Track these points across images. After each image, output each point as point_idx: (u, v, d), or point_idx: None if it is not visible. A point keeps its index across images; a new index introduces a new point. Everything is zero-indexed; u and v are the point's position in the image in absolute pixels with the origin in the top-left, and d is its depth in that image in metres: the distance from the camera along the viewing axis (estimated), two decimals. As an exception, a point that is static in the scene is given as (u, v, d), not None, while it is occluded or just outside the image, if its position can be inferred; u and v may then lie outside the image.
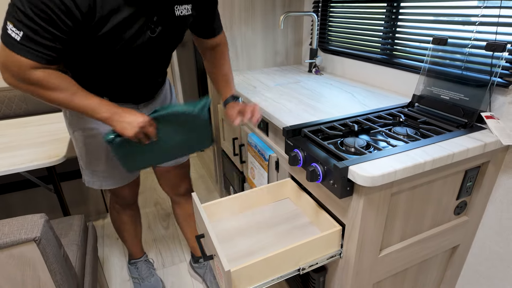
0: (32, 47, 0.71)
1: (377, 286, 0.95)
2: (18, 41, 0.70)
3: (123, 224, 1.34)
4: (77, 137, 1.04)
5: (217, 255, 0.75)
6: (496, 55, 0.87)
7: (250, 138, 1.31)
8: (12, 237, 0.66)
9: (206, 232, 0.85)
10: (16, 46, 0.70)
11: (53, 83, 0.77)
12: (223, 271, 0.72)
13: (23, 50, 0.71)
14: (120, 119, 0.83)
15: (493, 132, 0.86)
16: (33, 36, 0.70)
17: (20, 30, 0.69)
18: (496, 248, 1.01)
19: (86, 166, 1.09)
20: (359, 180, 0.70)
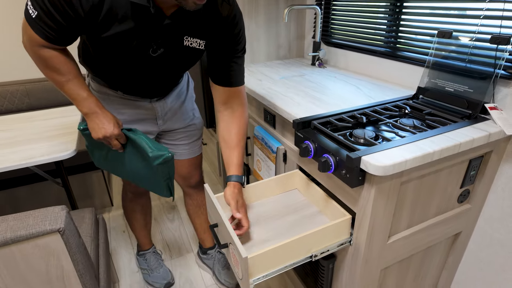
0: (41, 25, 0.78)
1: (384, 272, 0.99)
2: (33, 18, 0.77)
3: (134, 212, 1.37)
4: None
5: (233, 243, 0.78)
6: (500, 47, 0.90)
7: (256, 131, 1.33)
8: (37, 228, 0.68)
9: (220, 221, 0.87)
10: (31, 22, 0.78)
11: (54, 64, 0.85)
12: (239, 258, 0.75)
13: (35, 27, 0.78)
14: (95, 119, 0.91)
15: (496, 123, 0.89)
16: (44, 16, 0.76)
17: (35, 9, 0.76)
18: (497, 235, 1.05)
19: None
20: (371, 170, 0.73)
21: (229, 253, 0.86)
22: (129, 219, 1.40)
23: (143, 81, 0.99)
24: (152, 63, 0.91)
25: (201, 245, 1.52)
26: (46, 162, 1.08)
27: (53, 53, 0.84)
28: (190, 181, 1.33)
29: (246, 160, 1.60)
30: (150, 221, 1.46)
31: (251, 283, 0.76)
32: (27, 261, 0.71)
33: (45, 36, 0.80)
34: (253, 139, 1.39)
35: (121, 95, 1.04)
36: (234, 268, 0.84)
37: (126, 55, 0.86)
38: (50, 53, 0.84)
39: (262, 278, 0.78)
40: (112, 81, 1.00)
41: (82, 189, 1.88)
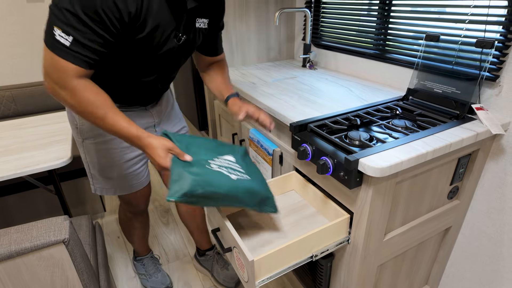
0: (79, 51, 0.71)
1: (381, 267, 1.03)
2: (67, 47, 0.69)
3: (134, 229, 1.35)
4: (88, 146, 1.02)
5: (238, 247, 0.79)
6: (485, 51, 0.95)
7: (252, 134, 1.35)
8: (42, 239, 0.68)
9: (223, 225, 0.89)
10: (65, 52, 0.69)
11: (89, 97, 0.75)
12: (245, 261, 0.76)
13: (71, 56, 0.70)
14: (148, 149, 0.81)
15: (483, 123, 0.94)
16: (82, 40, 0.69)
17: (69, 35, 0.68)
18: (484, 228, 1.11)
19: (99, 173, 1.06)
20: (369, 171, 0.76)
21: (233, 257, 0.88)
22: (128, 234, 1.37)
23: (148, 83, 0.96)
24: (175, 53, 0.91)
25: (198, 248, 1.52)
26: (42, 170, 1.07)
27: (86, 83, 0.75)
28: None
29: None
30: (148, 232, 1.45)
31: (257, 285, 0.78)
32: (32, 273, 0.70)
33: (85, 62, 0.72)
34: (249, 141, 1.41)
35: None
36: (239, 271, 0.85)
37: (153, 51, 0.83)
38: (83, 84, 0.74)
39: (267, 279, 0.80)
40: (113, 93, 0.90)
41: (73, 195, 1.85)
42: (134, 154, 1.06)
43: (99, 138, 1.00)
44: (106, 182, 1.08)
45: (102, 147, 1.02)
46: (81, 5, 0.66)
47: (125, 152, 1.04)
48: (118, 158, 1.04)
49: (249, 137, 1.38)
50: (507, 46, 0.92)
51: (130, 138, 0.79)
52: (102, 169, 1.05)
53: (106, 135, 1.01)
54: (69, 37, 0.68)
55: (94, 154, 1.03)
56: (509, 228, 1.03)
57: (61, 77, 0.72)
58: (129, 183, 1.10)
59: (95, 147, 1.02)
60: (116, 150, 1.03)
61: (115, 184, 1.09)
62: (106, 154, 1.03)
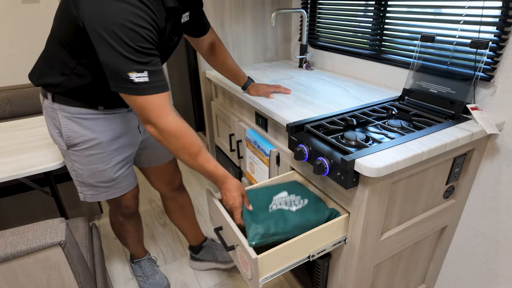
0: (157, 78, 0.76)
1: (377, 267, 1.03)
2: (149, 82, 0.74)
3: (127, 233, 1.33)
4: (74, 154, 0.99)
5: (241, 245, 0.80)
6: (479, 51, 0.95)
7: (248, 134, 1.35)
8: (38, 242, 0.68)
9: (225, 223, 0.89)
10: (148, 88, 0.75)
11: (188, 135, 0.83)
12: (249, 259, 0.77)
13: (154, 88, 0.76)
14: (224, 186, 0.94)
15: (478, 122, 0.95)
16: (153, 68, 0.75)
17: (143, 71, 0.73)
18: (479, 227, 1.12)
19: (88, 180, 1.03)
20: (365, 172, 0.76)
21: (236, 255, 0.88)
22: (122, 238, 1.35)
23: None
24: (168, 54, 0.98)
25: (193, 246, 1.51)
26: (38, 172, 1.06)
27: (179, 119, 0.82)
28: (174, 183, 1.32)
29: (238, 163, 1.62)
30: (143, 233, 1.42)
31: (260, 283, 0.78)
32: (28, 276, 0.70)
33: (164, 86, 0.78)
34: (246, 142, 1.41)
35: (102, 111, 0.97)
36: (242, 269, 0.86)
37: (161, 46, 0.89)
38: (182, 121, 0.83)
39: (269, 277, 0.80)
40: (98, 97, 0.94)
41: (70, 197, 1.84)
42: (122, 157, 1.05)
43: (87, 143, 0.97)
44: (96, 188, 1.05)
45: (90, 153, 0.98)
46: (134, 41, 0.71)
47: (113, 156, 1.02)
48: (107, 162, 1.01)
49: (246, 137, 1.38)
50: (501, 47, 0.93)
51: (216, 177, 0.91)
52: (92, 175, 1.02)
53: (93, 141, 0.97)
54: (145, 73, 0.73)
55: (81, 161, 1.00)
56: (504, 226, 1.04)
57: (159, 114, 0.78)
58: (120, 185, 1.08)
59: (83, 153, 0.98)
60: (105, 154, 1.00)
61: (105, 189, 1.06)
62: (95, 160, 1.00)
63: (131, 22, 0.70)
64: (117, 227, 1.30)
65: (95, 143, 0.97)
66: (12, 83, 1.92)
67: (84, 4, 0.72)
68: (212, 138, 1.93)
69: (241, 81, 1.32)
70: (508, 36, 0.91)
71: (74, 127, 0.94)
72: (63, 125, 0.94)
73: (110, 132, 0.99)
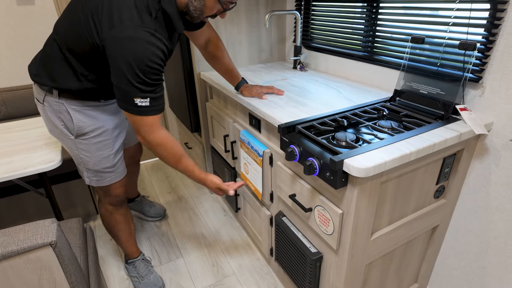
0: (155, 104, 0.94)
1: (369, 266, 1.04)
2: (148, 106, 0.92)
3: (117, 224, 1.36)
4: (81, 142, 1.10)
5: (323, 204, 0.94)
6: (467, 53, 0.97)
7: (242, 135, 1.36)
8: (29, 242, 0.68)
9: (299, 191, 1.04)
10: (146, 111, 0.93)
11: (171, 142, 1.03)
12: (332, 215, 0.90)
13: (151, 111, 0.94)
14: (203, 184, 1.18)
15: (466, 123, 0.96)
16: (154, 95, 0.92)
17: (146, 98, 0.91)
18: (470, 227, 1.13)
19: (94, 166, 1.16)
20: (353, 172, 0.77)
21: (314, 215, 0.99)
22: (113, 232, 1.39)
23: None
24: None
25: (128, 198, 1.81)
26: (31, 174, 1.07)
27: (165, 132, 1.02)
28: (136, 158, 1.62)
29: (233, 164, 1.63)
30: (134, 228, 1.47)
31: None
32: (19, 276, 0.71)
33: (160, 109, 0.96)
34: (240, 143, 1.41)
35: (103, 103, 1.12)
36: (321, 227, 0.97)
37: None
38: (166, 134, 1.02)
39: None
40: (102, 94, 1.08)
41: (65, 198, 1.84)
42: (120, 142, 1.21)
43: (96, 131, 1.11)
44: (101, 174, 1.18)
45: (98, 140, 1.12)
46: (145, 75, 0.86)
47: (115, 141, 1.18)
48: (111, 148, 1.16)
49: (240, 138, 1.39)
50: (489, 48, 0.94)
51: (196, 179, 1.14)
52: (98, 161, 1.15)
53: (101, 128, 1.11)
54: (147, 99, 0.91)
55: (89, 149, 1.12)
56: (494, 226, 1.05)
57: (150, 130, 0.97)
58: (119, 170, 1.23)
59: (91, 141, 1.11)
60: (110, 140, 1.15)
61: (109, 174, 1.20)
62: (102, 146, 1.13)
63: (148, 59, 0.84)
64: (107, 218, 1.35)
65: (102, 131, 1.12)
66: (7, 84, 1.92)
67: (107, 30, 0.84)
68: (207, 139, 1.94)
69: (235, 80, 1.35)
70: (496, 38, 0.92)
71: (83, 118, 1.07)
72: (74, 117, 1.06)
73: (112, 120, 1.15)
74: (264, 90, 1.29)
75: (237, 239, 1.75)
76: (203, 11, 0.94)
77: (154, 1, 0.86)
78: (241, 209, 1.68)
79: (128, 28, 0.81)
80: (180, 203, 2.07)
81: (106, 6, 0.84)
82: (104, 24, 0.83)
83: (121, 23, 0.82)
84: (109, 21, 0.83)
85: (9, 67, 1.90)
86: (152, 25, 0.85)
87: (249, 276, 1.52)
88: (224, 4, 0.95)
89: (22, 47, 1.88)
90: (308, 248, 1.07)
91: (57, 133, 1.10)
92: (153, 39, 0.84)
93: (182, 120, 2.12)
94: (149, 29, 0.83)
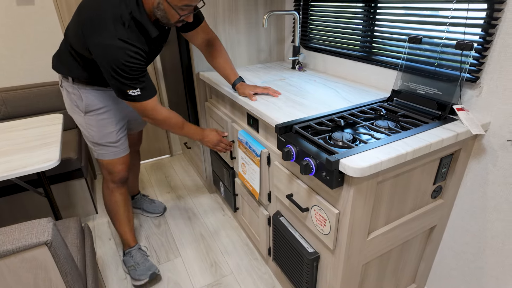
0: (146, 91, 1.14)
1: (365, 266, 1.04)
2: (140, 94, 1.13)
3: (116, 205, 1.48)
4: (89, 118, 1.30)
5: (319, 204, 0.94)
6: (465, 53, 0.97)
7: (240, 135, 1.36)
8: (24, 241, 0.69)
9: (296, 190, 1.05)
10: (141, 98, 1.14)
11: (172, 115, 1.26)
12: (329, 215, 0.90)
13: (145, 97, 1.14)
14: (205, 139, 1.40)
15: (463, 123, 0.96)
16: (143, 84, 1.12)
17: (136, 88, 1.11)
18: (468, 227, 1.13)
19: (100, 141, 1.34)
20: (349, 172, 0.77)
21: (311, 215, 0.99)
22: (114, 214, 1.50)
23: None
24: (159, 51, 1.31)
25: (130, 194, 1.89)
26: (29, 173, 1.07)
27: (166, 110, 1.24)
28: (136, 147, 1.76)
29: (231, 164, 1.63)
30: (132, 217, 1.57)
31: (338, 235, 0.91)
32: (15, 275, 0.71)
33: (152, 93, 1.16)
34: (238, 142, 1.42)
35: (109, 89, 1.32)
36: (318, 227, 0.97)
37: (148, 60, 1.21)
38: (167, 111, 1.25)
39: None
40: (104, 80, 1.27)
41: (64, 198, 1.85)
42: (122, 124, 1.39)
43: (102, 109, 1.30)
44: (106, 147, 1.36)
45: (103, 117, 1.31)
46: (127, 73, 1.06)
47: (117, 121, 1.36)
48: (114, 125, 1.35)
49: (238, 138, 1.39)
50: (486, 48, 0.94)
51: (197, 136, 1.38)
52: (103, 136, 1.33)
53: (104, 108, 1.31)
54: (137, 89, 1.12)
55: (95, 124, 1.31)
56: (491, 226, 1.05)
57: (152, 112, 1.20)
58: (122, 147, 1.40)
59: (97, 118, 1.31)
60: (113, 119, 1.34)
61: (113, 148, 1.37)
62: (106, 123, 1.32)
63: (124, 60, 1.03)
64: (107, 198, 1.49)
65: (106, 110, 1.32)
66: (6, 84, 1.92)
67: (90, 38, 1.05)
68: (206, 139, 1.94)
69: (231, 78, 1.37)
70: (493, 38, 0.92)
71: (91, 98, 1.28)
72: (84, 97, 1.27)
73: (115, 103, 1.34)
74: (258, 90, 1.29)
75: (236, 238, 1.75)
76: (168, 18, 1.09)
77: (126, 13, 1.05)
78: (240, 209, 1.68)
79: (106, 38, 1.02)
80: (179, 202, 2.08)
81: (89, 20, 1.05)
82: (88, 34, 1.05)
83: (101, 33, 1.03)
84: (92, 31, 1.04)
85: (9, 67, 1.90)
86: (125, 33, 1.04)
87: (247, 276, 1.52)
88: (179, 11, 1.06)
89: (21, 47, 1.89)
90: (305, 248, 1.07)
91: (71, 111, 1.33)
92: (126, 45, 1.03)
93: (181, 120, 2.12)
94: (122, 37, 1.03)
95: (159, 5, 1.05)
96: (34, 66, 1.95)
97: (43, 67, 1.97)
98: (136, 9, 1.06)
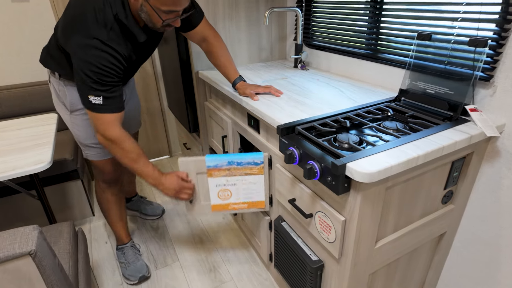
0: (110, 101, 1.03)
1: (372, 276, 0.98)
2: (102, 104, 1.02)
3: (109, 203, 1.45)
4: (75, 118, 1.25)
5: (324, 210, 0.88)
6: (478, 50, 0.91)
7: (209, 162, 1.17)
8: (5, 252, 0.63)
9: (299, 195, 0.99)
10: (100, 108, 1.03)
11: (127, 142, 1.09)
12: (334, 222, 0.85)
13: (107, 108, 1.03)
14: (160, 187, 1.17)
15: (477, 124, 0.90)
16: (108, 94, 1.02)
17: (99, 96, 1.01)
18: (479, 233, 1.07)
19: (85, 141, 1.29)
20: (357, 177, 0.72)
21: (315, 222, 0.93)
22: (105, 211, 1.48)
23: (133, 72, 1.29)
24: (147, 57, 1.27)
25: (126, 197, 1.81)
26: (19, 175, 1.02)
27: (126, 133, 1.09)
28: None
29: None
30: (125, 215, 1.56)
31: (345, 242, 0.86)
32: (-4, 288, 0.66)
33: (115, 108, 1.04)
34: (208, 172, 1.19)
35: None
36: (322, 234, 0.92)
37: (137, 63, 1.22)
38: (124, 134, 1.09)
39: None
40: None
41: (60, 200, 1.80)
42: None
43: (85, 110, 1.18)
44: (93, 148, 1.30)
45: (87, 117, 1.24)
46: (96, 73, 0.98)
47: None
48: None
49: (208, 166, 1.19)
50: (501, 45, 0.88)
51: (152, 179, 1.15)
52: (87, 137, 1.27)
53: None
54: (100, 97, 1.01)
55: (81, 124, 1.25)
56: (506, 232, 0.99)
57: (106, 127, 1.05)
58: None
59: (82, 118, 1.24)
60: None
61: (99, 149, 1.30)
62: (90, 123, 1.24)
63: (98, 62, 0.97)
64: (100, 196, 1.46)
65: None
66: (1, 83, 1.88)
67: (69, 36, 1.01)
68: (206, 140, 1.89)
69: (232, 77, 1.31)
70: (508, 34, 0.86)
71: (76, 96, 1.20)
72: (68, 94, 1.21)
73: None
74: (260, 90, 1.23)
75: (236, 243, 1.70)
76: (153, 22, 1.04)
77: (110, 15, 1.00)
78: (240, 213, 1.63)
79: (84, 37, 0.98)
80: (178, 206, 2.02)
81: (71, 18, 1.02)
82: (69, 32, 1.01)
83: (79, 32, 0.99)
84: (71, 30, 1.01)
85: (4, 65, 1.85)
86: (105, 35, 0.99)
87: (248, 282, 1.47)
88: (162, 15, 1.00)
89: (16, 45, 1.84)
90: (308, 255, 1.02)
91: (58, 108, 1.28)
92: (103, 46, 0.98)
93: (180, 120, 2.07)
94: (99, 37, 0.98)
95: (142, 7, 1.00)
96: (29, 64, 1.90)
97: (38, 65, 1.92)
98: (121, 12, 1.01)
